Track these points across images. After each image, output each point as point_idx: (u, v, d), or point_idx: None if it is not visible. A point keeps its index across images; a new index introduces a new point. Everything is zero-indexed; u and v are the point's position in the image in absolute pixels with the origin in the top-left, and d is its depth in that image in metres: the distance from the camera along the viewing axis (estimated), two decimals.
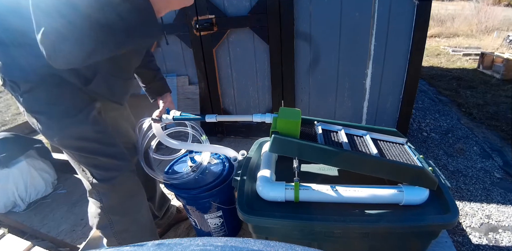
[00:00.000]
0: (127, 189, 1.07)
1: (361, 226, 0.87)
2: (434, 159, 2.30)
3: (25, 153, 1.90)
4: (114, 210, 1.07)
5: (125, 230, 1.11)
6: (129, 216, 1.11)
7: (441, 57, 5.81)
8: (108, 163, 1.01)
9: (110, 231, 1.10)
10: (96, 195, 1.05)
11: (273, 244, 0.42)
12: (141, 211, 1.14)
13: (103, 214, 1.07)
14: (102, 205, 1.06)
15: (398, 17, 1.95)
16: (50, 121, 0.93)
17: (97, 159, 1.00)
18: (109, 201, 1.05)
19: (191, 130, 1.26)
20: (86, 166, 1.01)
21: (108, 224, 1.09)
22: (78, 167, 1.04)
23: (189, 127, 1.26)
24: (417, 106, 3.33)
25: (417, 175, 0.91)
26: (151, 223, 1.21)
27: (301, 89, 2.38)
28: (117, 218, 1.09)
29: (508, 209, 1.74)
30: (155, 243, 0.43)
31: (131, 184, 1.09)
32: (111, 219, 1.08)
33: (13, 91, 0.90)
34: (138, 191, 1.13)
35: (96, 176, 1.02)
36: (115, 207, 1.07)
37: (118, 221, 1.09)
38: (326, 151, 0.93)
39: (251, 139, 2.61)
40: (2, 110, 4.19)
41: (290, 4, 2.07)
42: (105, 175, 1.02)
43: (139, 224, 1.14)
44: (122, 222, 1.10)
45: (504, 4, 12.56)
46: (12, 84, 0.88)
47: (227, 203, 1.29)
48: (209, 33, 2.30)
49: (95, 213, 1.10)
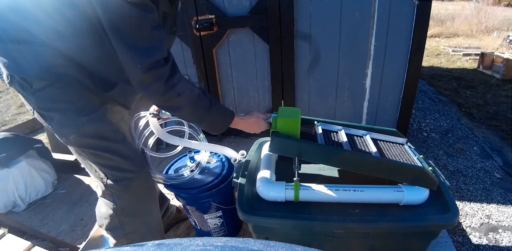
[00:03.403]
0: (141, 191, 1.05)
1: (361, 226, 0.87)
2: (434, 159, 2.30)
3: (25, 153, 1.90)
4: (126, 212, 1.05)
5: (135, 231, 1.10)
6: (141, 218, 1.09)
7: (441, 57, 5.81)
8: (123, 164, 0.99)
9: (121, 232, 1.08)
10: (110, 197, 1.03)
11: (273, 244, 0.42)
12: (153, 213, 1.13)
13: (114, 215, 1.05)
14: (115, 206, 1.04)
15: (398, 17, 1.95)
16: (66, 119, 0.91)
17: (112, 159, 0.97)
18: (122, 202, 1.03)
19: (187, 128, 1.24)
20: (100, 166, 0.99)
21: (119, 226, 1.07)
22: (90, 168, 1.01)
23: (186, 125, 1.24)
24: (417, 106, 3.33)
25: (417, 175, 0.91)
26: (160, 225, 1.21)
27: (301, 89, 2.38)
28: (128, 220, 1.07)
29: (508, 209, 1.74)
30: (155, 243, 0.43)
31: (146, 186, 1.07)
32: (123, 221, 1.06)
33: (22, 89, 0.88)
34: (152, 193, 1.11)
35: (110, 177, 0.99)
36: (128, 209, 1.05)
37: (129, 223, 1.07)
38: (326, 151, 0.93)
39: (251, 139, 2.61)
40: (2, 110, 4.19)
41: (290, 4, 2.07)
42: (120, 176, 0.99)
43: (149, 226, 1.13)
44: (133, 224, 1.08)
45: (504, 4, 12.57)
46: (23, 82, 0.86)
47: (227, 203, 1.29)
48: (209, 33, 2.30)
49: (106, 214, 1.08)
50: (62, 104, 0.89)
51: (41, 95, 0.87)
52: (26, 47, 0.83)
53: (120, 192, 1.01)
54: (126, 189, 1.01)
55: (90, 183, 2.08)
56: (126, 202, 1.03)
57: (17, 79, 0.86)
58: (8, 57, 0.84)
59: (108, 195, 1.03)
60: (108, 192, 1.02)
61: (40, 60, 0.84)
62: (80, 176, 2.17)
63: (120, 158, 0.98)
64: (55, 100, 0.89)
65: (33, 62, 0.84)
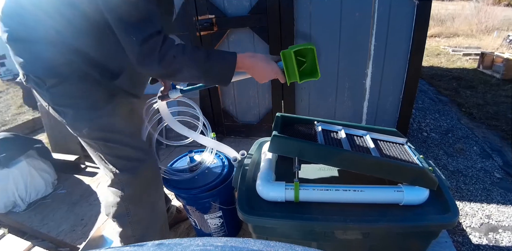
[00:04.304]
0: (148, 179, 1.10)
1: (361, 226, 0.87)
2: (434, 159, 2.30)
3: (25, 153, 1.90)
4: (133, 200, 1.09)
5: (140, 219, 1.13)
6: (146, 206, 1.13)
7: (441, 57, 5.81)
8: (132, 153, 1.05)
9: (126, 220, 1.12)
10: (118, 185, 1.07)
11: (273, 244, 0.42)
12: (158, 202, 1.17)
13: (121, 202, 1.09)
14: (123, 194, 1.08)
15: (398, 17, 1.95)
16: (78, 114, 0.97)
17: (123, 149, 1.03)
18: (130, 190, 1.07)
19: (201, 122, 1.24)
20: (110, 157, 1.04)
21: (125, 213, 1.11)
22: (100, 160, 1.06)
23: (201, 123, 1.25)
24: (417, 106, 3.33)
25: (417, 175, 0.91)
26: (164, 215, 1.23)
27: (301, 89, 2.38)
28: (134, 207, 1.10)
29: (508, 209, 1.74)
30: (155, 243, 0.43)
31: (152, 174, 1.12)
32: (129, 208, 1.10)
33: (38, 86, 0.93)
34: (159, 181, 1.16)
35: (119, 166, 1.04)
36: (135, 196, 1.09)
37: (135, 210, 1.11)
38: (326, 151, 0.93)
39: (251, 139, 2.61)
40: (2, 110, 4.19)
41: (290, 4, 2.07)
42: (129, 165, 1.05)
43: (154, 215, 1.16)
44: (139, 212, 1.12)
45: (504, 4, 12.56)
46: (37, 79, 0.91)
47: (227, 203, 1.29)
48: (209, 33, 2.30)
49: (113, 202, 1.11)
50: (75, 100, 0.95)
51: (55, 91, 0.93)
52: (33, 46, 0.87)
53: (129, 180, 1.06)
54: (134, 177, 1.06)
55: (90, 183, 2.08)
56: (133, 190, 1.08)
57: (32, 78, 0.92)
58: (23, 57, 0.90)
59: (116, 184, 1.07)
60: (117, 180, 1.06)
61: (50, 58, 0.88)
62: (80, 176, 2.17)
63: (130, 148, 1.04)
64: (68, 96, 0.94)
65: (43, 61, 0.89)
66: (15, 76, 6.05)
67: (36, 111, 3.82)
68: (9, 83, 6.05)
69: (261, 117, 2.59)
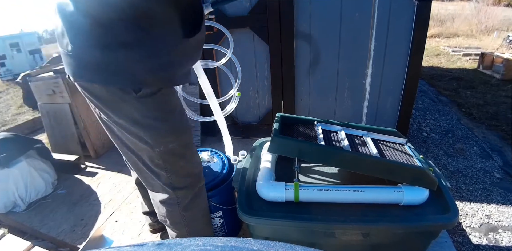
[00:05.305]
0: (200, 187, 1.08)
1: (361, 226, 0.87)
2: (434, 159, 2.30)
3: (25, 153, 1.90)
4: (187, 208, 1.05)
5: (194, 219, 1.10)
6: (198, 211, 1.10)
7: (441, 57, 5.81)
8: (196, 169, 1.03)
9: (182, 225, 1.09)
10: (174, 200, 1.02)
11: (273, 244, 0.42)
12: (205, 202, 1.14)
13: (178, 213, 1.06)
14: (179, 206, 1.04)
15: (398, 17, 1.95)
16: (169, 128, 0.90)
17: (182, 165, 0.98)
18: (185, 201, 1.04)
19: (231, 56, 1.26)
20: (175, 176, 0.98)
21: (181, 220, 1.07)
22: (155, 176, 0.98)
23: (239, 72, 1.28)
24: (417, 107, 3.33)
25: (417, 175, 0.91)
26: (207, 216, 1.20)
27: (301, 89, 2.38)
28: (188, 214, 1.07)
29: (508, 209, 1.74)
30: (155, 243, 0.43)
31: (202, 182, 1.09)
32: (184, 215, 1.06)
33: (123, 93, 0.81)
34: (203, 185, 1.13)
35: (181, 185, 1.00)
36: (188, 205, 1.05)
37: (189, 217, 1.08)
38: (326, 151, 0.93)
39: (251, 139, 2.60)
40: (2, 110, 4.19)
41: (290, 4, 2.07)
42: (188, 181, 1.01)
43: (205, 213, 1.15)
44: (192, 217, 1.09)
45: (504, 4, 12.55)
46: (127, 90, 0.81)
47: (227, 203, 1.29)
48: (209, 33, 2.30)
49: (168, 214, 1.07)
50: (166, 113, 0.88)
51: (147, 101, 0.82)
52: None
53: (187, 194, 1.02)
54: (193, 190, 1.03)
55: (90, 183, 2.08)
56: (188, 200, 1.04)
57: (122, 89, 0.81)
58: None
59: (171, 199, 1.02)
60: (173, 196, 1.01)
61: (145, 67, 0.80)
62: (80, 176, 2.17)
63: (187, 164, 1.00)
64: (159, 109, 0.86)
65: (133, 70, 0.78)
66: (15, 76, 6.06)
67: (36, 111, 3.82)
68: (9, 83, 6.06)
69: (261, 118, 2.59)
